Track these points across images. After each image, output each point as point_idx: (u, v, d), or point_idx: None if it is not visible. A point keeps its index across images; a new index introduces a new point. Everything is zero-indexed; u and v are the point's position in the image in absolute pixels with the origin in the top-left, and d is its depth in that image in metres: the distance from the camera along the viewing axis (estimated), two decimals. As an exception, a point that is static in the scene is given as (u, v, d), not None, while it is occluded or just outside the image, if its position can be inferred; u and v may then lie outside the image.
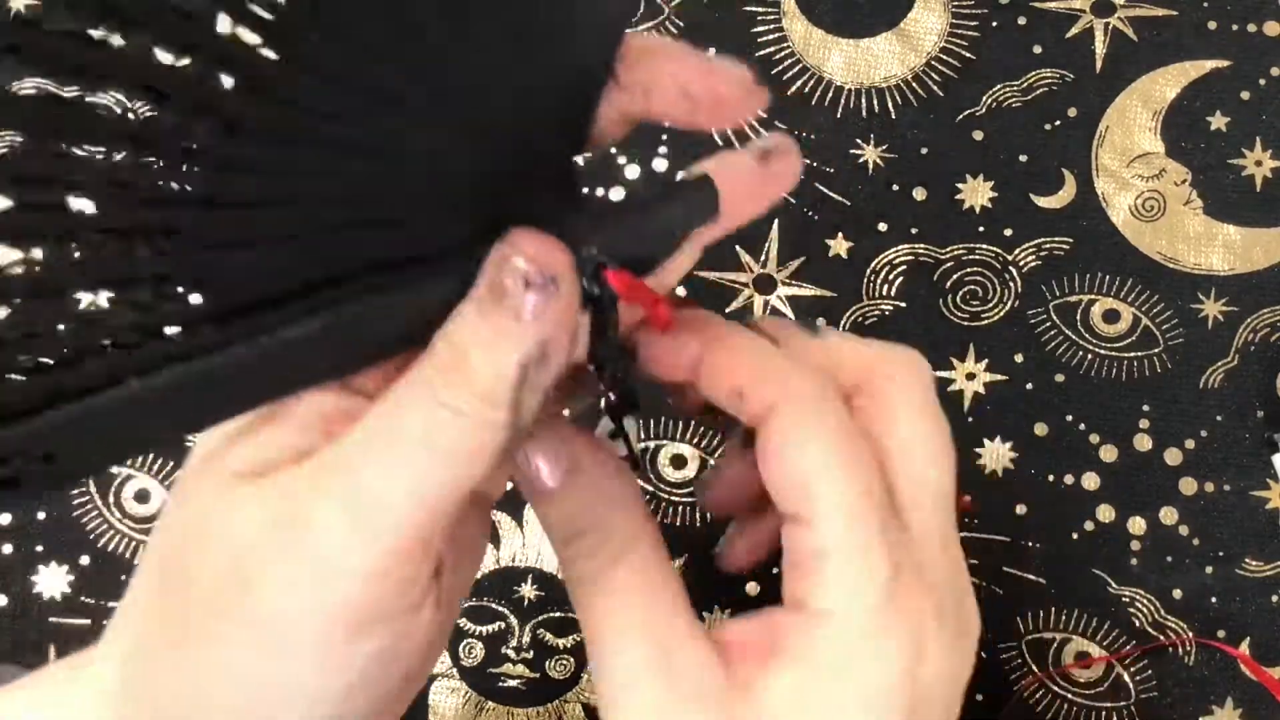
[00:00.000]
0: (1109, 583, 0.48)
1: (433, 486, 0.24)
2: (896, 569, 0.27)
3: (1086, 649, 0.47)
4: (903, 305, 0.50)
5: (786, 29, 0.53)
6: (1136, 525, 0.48)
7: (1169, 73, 0.52)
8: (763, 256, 0.51)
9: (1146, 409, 0.49)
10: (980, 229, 0.51)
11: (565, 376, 0.26)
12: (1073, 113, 0.52)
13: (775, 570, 0.28)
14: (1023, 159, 0.51)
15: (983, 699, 0.47)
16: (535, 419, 0.25)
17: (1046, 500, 0.48)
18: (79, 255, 0.20)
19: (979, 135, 0.52)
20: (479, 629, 0.48)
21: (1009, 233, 0.51)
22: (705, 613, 0.48)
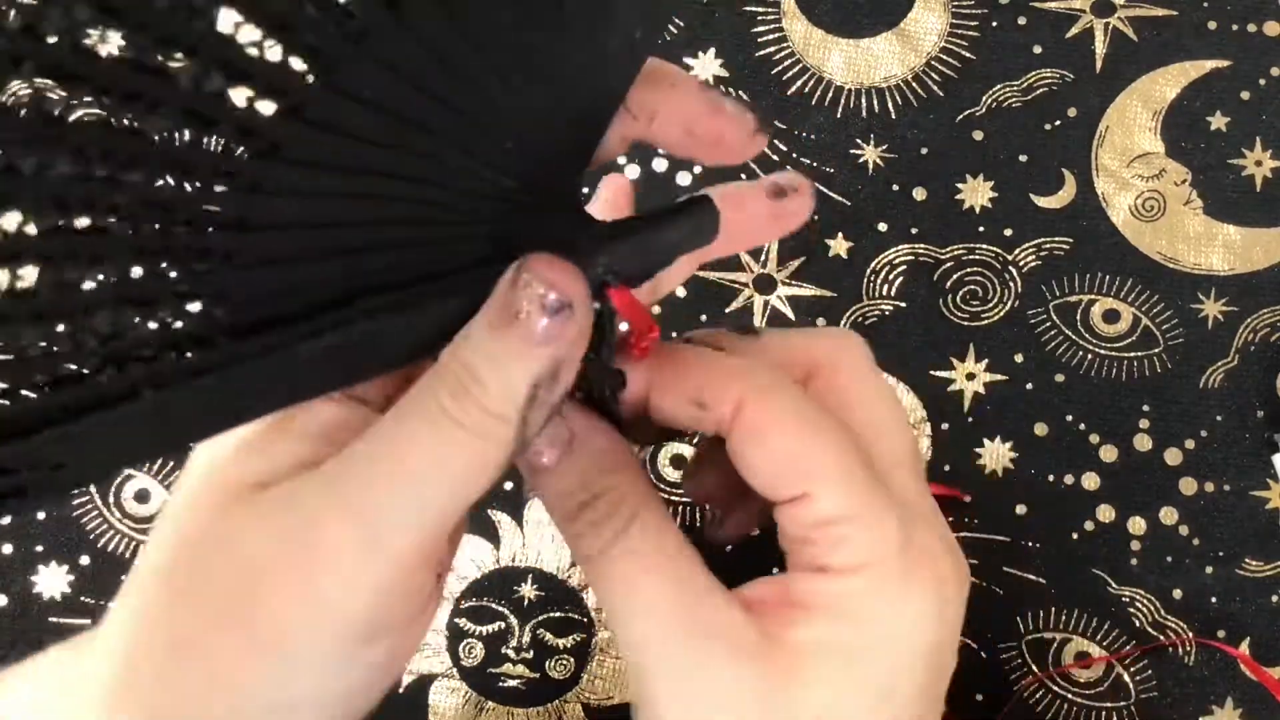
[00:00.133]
0: (1109, 583, 0.48)
1: (440, 502, 0.24)
2: (903, 521, 0.27)
3: (1086, 649, 0.47)
4: (903, 305, 0.50)
5: (786, 29, 0.53)
6: (1136, 525, 0.48)
7: (1169, 73, 0.52)
8: (763, 256, 0.51)
9: (1146, 409, 0.49)
10: (980, 229, 0.51)
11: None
12: (1073, 113, 0.52)
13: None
14: (1023, 159, 0.51)
15: (983, 699, 0.47)
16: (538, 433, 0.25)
17: (1046, 500, 0.48)
18: (107, 276, 0.21)
19: (979, 135, 0.52)
20: (479, 629, 0.48)
21: (1009, 233, 0.51)
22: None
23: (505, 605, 0.48)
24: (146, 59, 0.19)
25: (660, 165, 0.52)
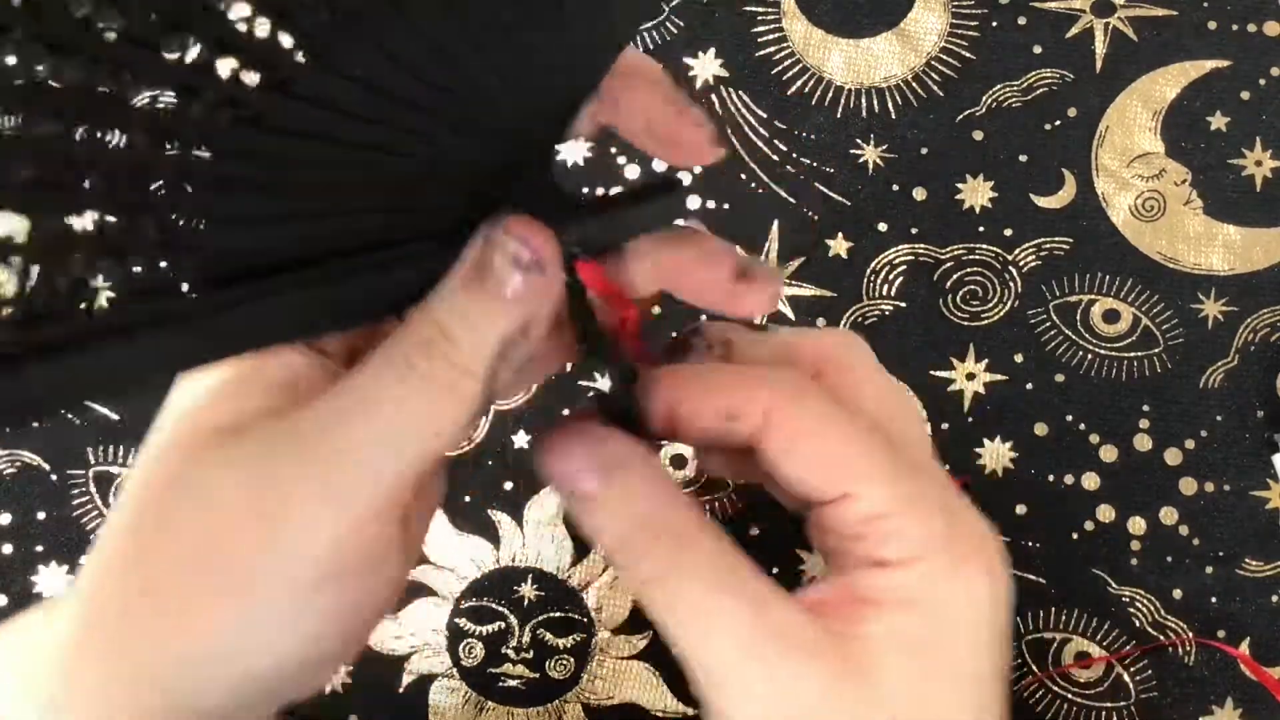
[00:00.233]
0: (1109, 583, 0.48)
1: (406, 454, 0.24)
2: (947, 508, 0.28)
3: (1086, 649, 0.47)
4: (903, 305, 0.50)
5: (786, 29, 0.53)
6: (1136, 525, 0.48)
7: (1169, 73, 0.52)
8: (763, 256, 0.51)
9: (1146, 409, 0.49)
10: (980, 229, 0.51)
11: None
12: (1073, 113, 0.52)
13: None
14: (1023, 159, 0.51)
15: (983, 699, 0.47)
16: (506, 390, 0.26)
17: (1046, 500, 0.48)
18: (86, 226, 0.21)
19: (979, 135, 0.52)
20: (479, 629, 0.48)
21: (1009, 233, 0.51)
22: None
23: (505, 605, 0.48)
24: (137, 31, 0.19)
25: (660, 165, 0.52)
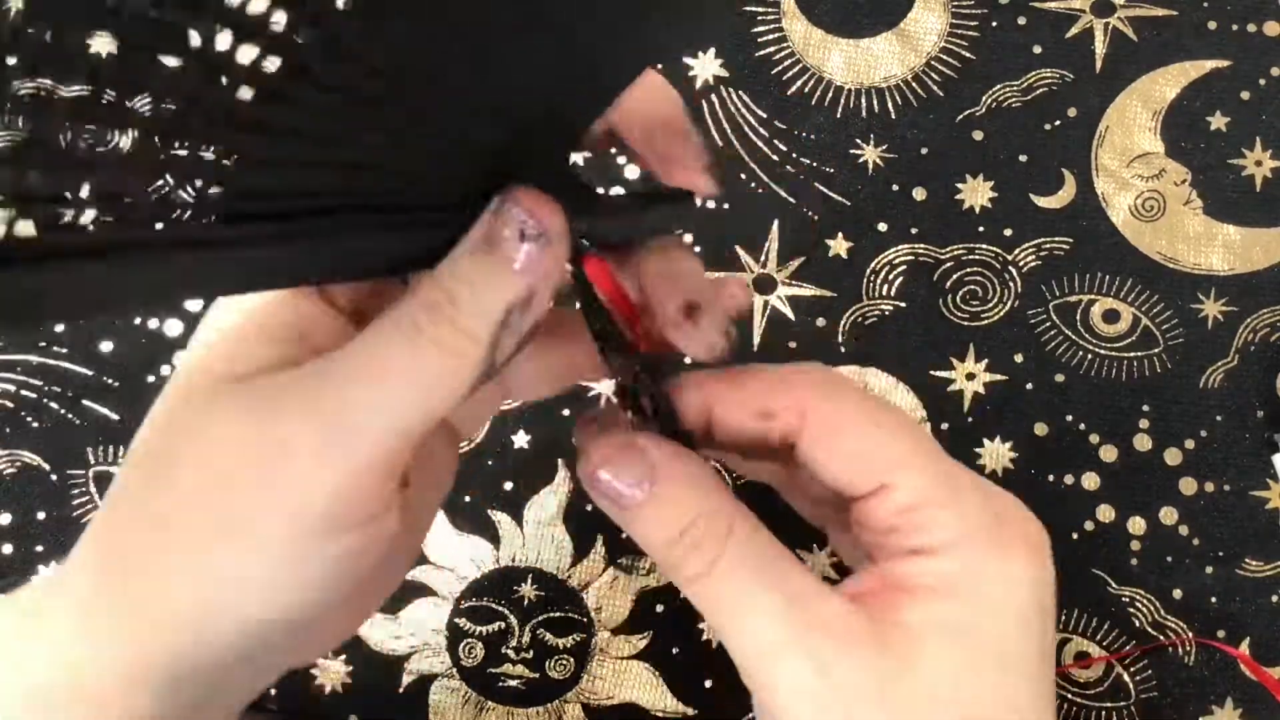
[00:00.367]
0: (1109, 583, 0.48)
1: (407, 413, 0.25)
2: (984, 495, 0.29)
3: (1086, 649, 0.47)
4: (903, 305, 0.50)
5: (786, 29, 0.53)
6: (1136, 525, 0.48)
7: (1169, 73, 0.52)
8: (763, 256, 0.51)
9: (1146, 409, 0.49)
10: (980, 229, 0.51)
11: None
12: (1073, 113, 0.52)
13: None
14: (1023, 159, 0.51)
15: (983, 699, 0.47)
16: (507, 361, 0.27)
17: (1046, 500, 0.48)
18: (119, 140, 0.22)
19: (979, 135, 0.52)
20: (479, 629, 0.48)
21: (1009, 233, 0.51)
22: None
23: (505, 605, 0.48)
24: (165, 15, 0.20)
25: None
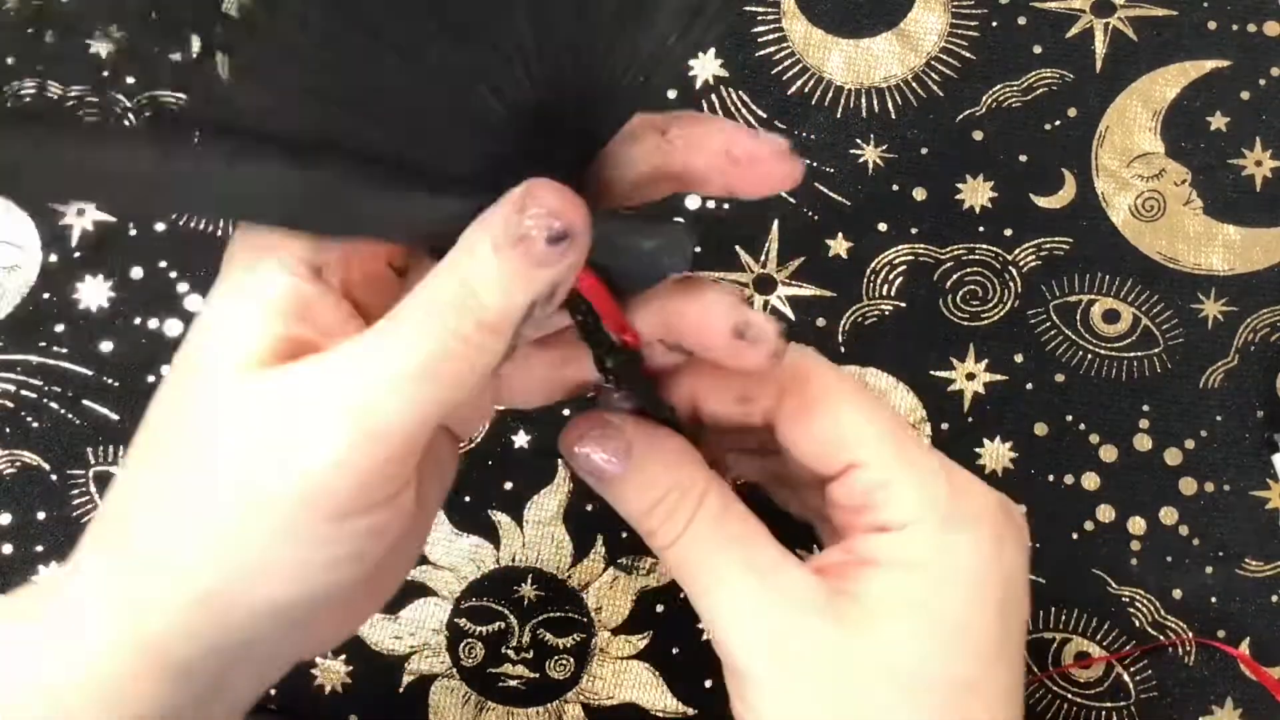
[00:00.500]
0: (1109, 583, 0.48)
1: (430, 402, 0.26)
2: (952, 473, 0.30)
3: (1086, 649, 0.47)
4: (903, 305, 0.50)
5: (786, 29, 0.53)
6: (1136, 525, 0.48)
7: (1169, 73, 0.52)
8: (763, 256, 0.51)
9: (1146, 409, 0.49)
10: (980, 229, 0.51)
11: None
12: (1073, 113, 0.52)
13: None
14: (1023, 159, 0.51)
15: (983, 699, 0.47)
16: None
17: (1046, 500, 0.48)
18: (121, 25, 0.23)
19: (979, 135, 0.52)
20: (479, 629, 0.48)
21: (1009, 233, 0.51)
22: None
23: (505, 605, 0.48)
24: None
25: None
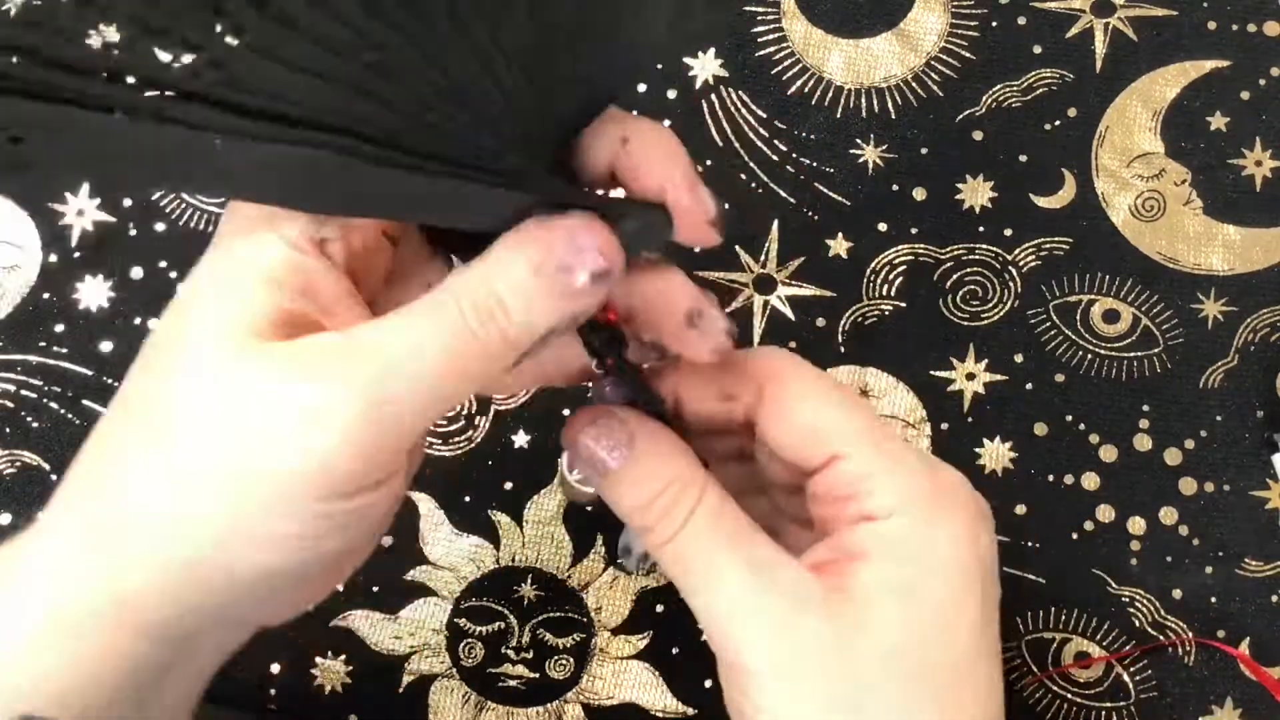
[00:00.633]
0: (1109, 583, 0.48)
1: (438, 395, 0.27)
2: (929, 464, 0.31)
3: (1086, 649, 0.47)
4: (903, 305, 0.50)
5: (786, 29, 0.53)
6: (1136, 525, 0.48)
7: (1169, 73, 0.52)
8: (762, 256, 0.51)
9: (1146, 409, 0.49)
10: (980, 229, 0.51)
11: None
12: (1073, 113, 0.52)
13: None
14: (1023, 159, 0.51)
15: (983, 699, 0.47)
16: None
17: (1046, 500, 0.48)
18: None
19: (979, 135, 0.52)
20: (479, 629, 0.48)
21: (1009, 233, 0.51)
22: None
23: (505, 605, 0.48)
24: None
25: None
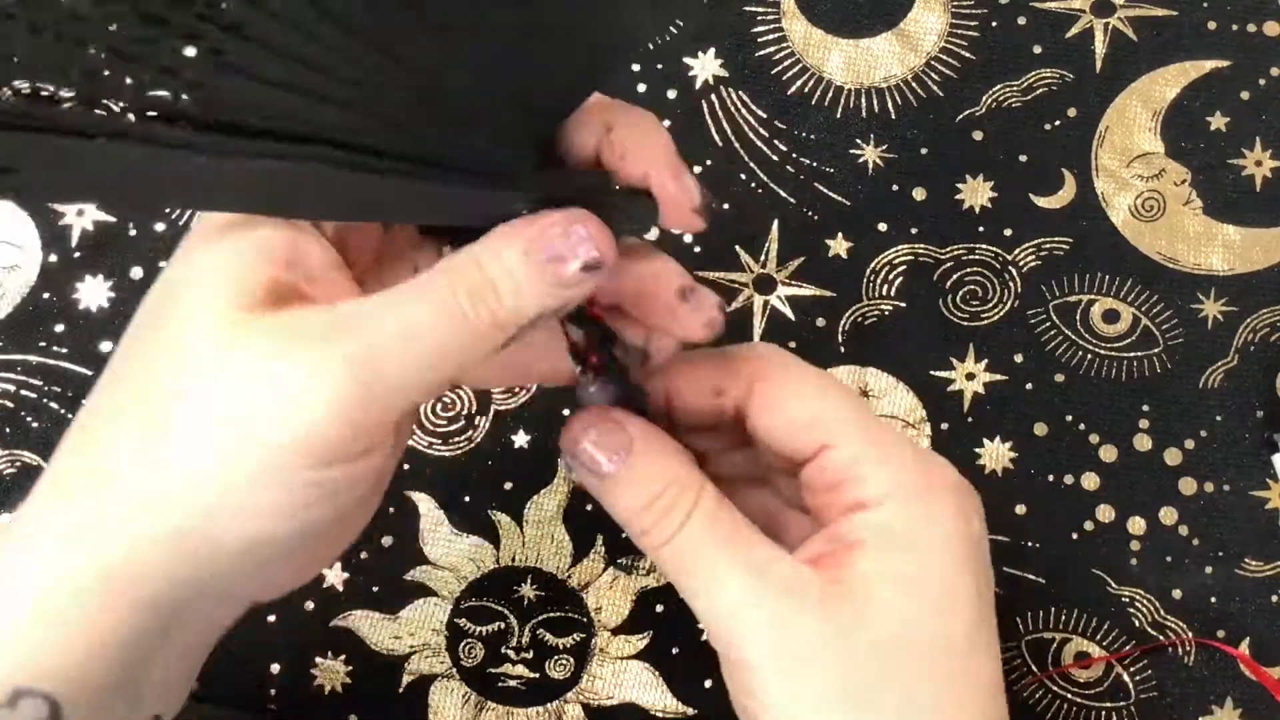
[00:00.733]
0: (1109, 583, 0.48)
1: (427, 372, 0.28)
2: (917, 452, 0.32)
3: (1086, 649, 0.47)
4: (903, 305, 0.50)
5: (786, 29, 0.53)
6: (1136, 525, 0.48)
7: (1169, 73, 0.52)
8: (762, 256, 0.51)
9: (1146, 409, 0.49)
10: (980, 229, 0.51)
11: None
12: (1073, 113, 0.52)
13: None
14: (1023, 159, 0.51)
15: (983, 699, 0.47)
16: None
17: (1046, 500, 0.48)
18: (108, 22, 0.23)
19: (979, 135, 0.52)
20: (479, 629, 0.48)
21: (1009, 233, 0.51)
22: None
23: (505, 605, 0.48)
24: None
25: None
